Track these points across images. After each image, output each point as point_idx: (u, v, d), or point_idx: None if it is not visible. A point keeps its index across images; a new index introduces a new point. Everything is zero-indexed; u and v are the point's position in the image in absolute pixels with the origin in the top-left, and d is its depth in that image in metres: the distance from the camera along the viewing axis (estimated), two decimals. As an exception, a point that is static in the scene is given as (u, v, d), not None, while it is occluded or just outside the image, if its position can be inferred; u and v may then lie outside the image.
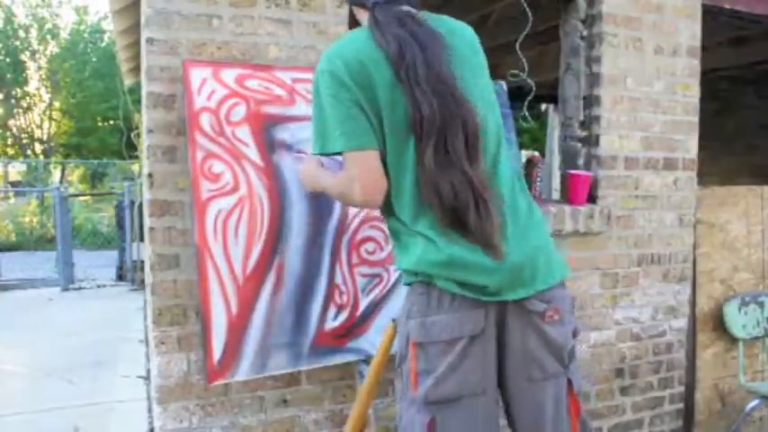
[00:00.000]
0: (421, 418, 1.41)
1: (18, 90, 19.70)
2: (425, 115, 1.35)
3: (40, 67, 20.18)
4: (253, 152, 1.90)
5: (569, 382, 1.51)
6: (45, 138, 20.42)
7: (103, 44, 20.23)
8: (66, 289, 6.73)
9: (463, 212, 1.35)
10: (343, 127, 1.39)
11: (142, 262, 6.37)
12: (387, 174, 1.43)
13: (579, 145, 2.68)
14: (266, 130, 1.93)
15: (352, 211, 2.00)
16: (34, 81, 20.44)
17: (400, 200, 1.44)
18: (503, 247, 1.38)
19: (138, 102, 4.49)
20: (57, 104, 20.24)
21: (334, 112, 1.40)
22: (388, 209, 1.49)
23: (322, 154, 1.49)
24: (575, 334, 1.53)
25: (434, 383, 1.40)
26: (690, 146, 2.82)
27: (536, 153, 2.59)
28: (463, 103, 1.38)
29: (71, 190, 11.65)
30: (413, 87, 1.36)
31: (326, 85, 1.41)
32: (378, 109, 1.39)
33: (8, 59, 19.16)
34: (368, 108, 1.39)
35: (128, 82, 5.61)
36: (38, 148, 20.36)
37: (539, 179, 2.59)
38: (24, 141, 20.26)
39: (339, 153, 1.45)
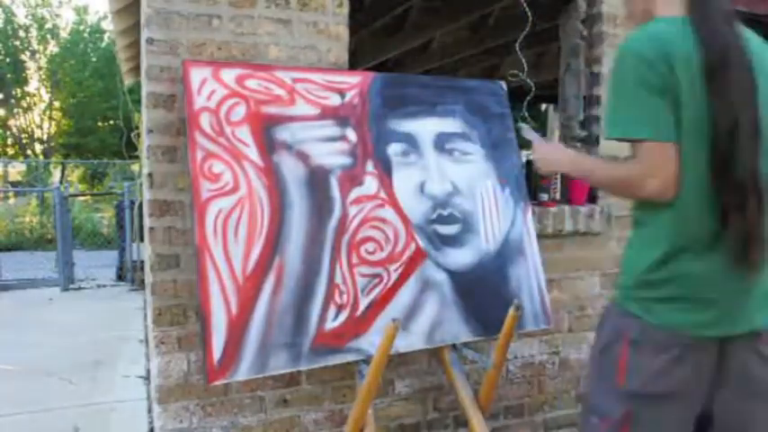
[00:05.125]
0: (620, 408, 1.44)
1: (18, 90, 19.69)
2: (744, 131, 1.30)
3: (39, 67, 20.18)
4: (253, 152, 1.89)
5: None
6: (45, 138, 20.41)
7: (103, 44, 20.22)
8: (66, 289, 6.73)
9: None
10: (652, 114, 1.32)
11: (142, 262, 6.37)
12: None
13: (579, 145, 2.68)
14: (266, 130, 1.93)
15: (353, 211, 2.00)
16: (34, 81, 20.45)
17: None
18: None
19: (138, 102, 4.49)
20: (57, 104, 20.23)
21: (643, 99, 1.32)
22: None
23: (619, 139, 1.39)
24: None
25: (645, 378, 1.42)
26: (690, 146, 2.81)
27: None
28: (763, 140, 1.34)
29: (71, 190, 11.63)
30: (731, 97, 1.30)
31: (633, 68, 1.33)
32: (678, 105, 1.32)
33: (8, 59, 19.15)
34: (671, 101, 1.32)
35: (128, 82, 5.61)
36: (38, 148, 20.35)
37: (556, 181, 2.59)
38: (24, 141, 20.26)
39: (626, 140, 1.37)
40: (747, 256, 1.35)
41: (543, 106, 8.57)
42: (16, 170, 18.43)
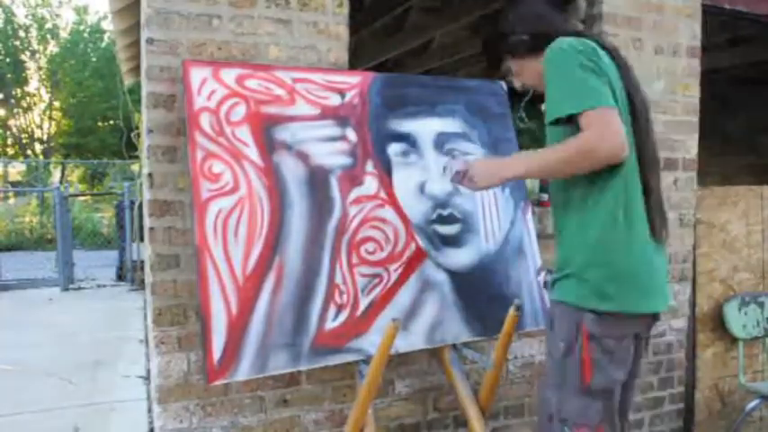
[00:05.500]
0: (596, 405, 1.56)
1: (18, 90, 19.69)
2: (643, 109, 1.59)
3: (40, 67, 20.18)
4: (253, 152, 1.89)
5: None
6: (45, 138, 20.41)
7: (103, 44, 20.22)
8: (66, 289, 6.73)
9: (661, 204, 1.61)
10: (594, 88, 1.48)
11: (142, 262, 6.37)
12: None
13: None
14: (266, 130, 1.93)
15: (353, 211, 2.00)
16: (34, 81, 20.45)
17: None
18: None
19: (138, 102, 4.49)
20: (57, 104, 20.24)
21: (584, 77, 1.49)
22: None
23: (570, 115, 1.50)
24: None
25: (608, 373, 1.55)
26: (690, 146, 2.82)
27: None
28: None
29: (71, 190, 11.64)
30: (632, 84, 1.59)
31: (571, 55, 1.52)
32: (611, 87, 1.52)
33: (8, 59, 19.15)
34: (606, 81, 1.51)
35: (128, 82, 5.61)
36: (38, 148, 20.35)
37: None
38: (24, 141, 20.26)
39: (571, 116, 1.51)
40: (661, 230, 1.58)
41: (543, 106, 8.56)
42: (16, 170, 18.43)
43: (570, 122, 1.50)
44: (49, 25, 20.39)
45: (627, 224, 1.53)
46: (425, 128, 2.19)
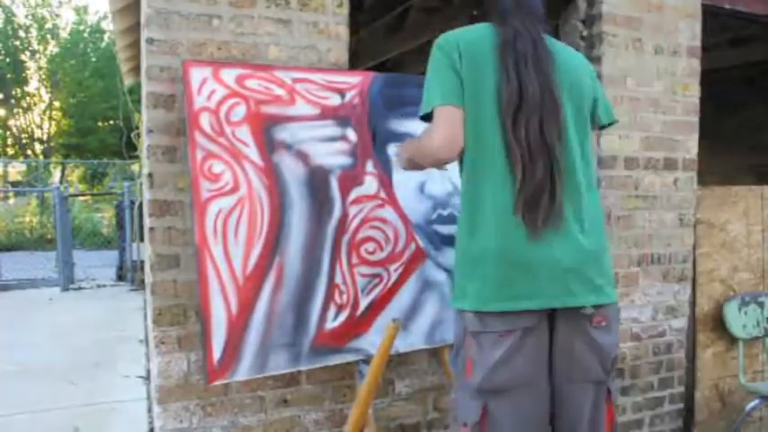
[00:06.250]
0: (475, 404, 1.48)
1: (18, 90, 19.68)
2: (528, 95, 1.47)
3: (40, 67, 20.16)
4: (253, 152, 1.90)
5: (608, 390, 1.57)
6: (45, 138, 20.40)
7: (103, 44, 20.20)
8: (66, 289, 6.73)
9: (540, 195, 1.45)
10: (440, 87, 1.53)
11: (142, 262, 6.37)
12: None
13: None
14: (266, 130, 1.93)
15: (353, 211, 2.00)
16: (34, 81, 20.43)
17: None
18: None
19: (138, 102, 4.49)
20: (57, 104, 20.22)
21: (435, 76, 1.55)
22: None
23: (426, 116, 1.58)
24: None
25: (487, 373, 1.46)
26: (690, 146, 2.82)
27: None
28: (558, 99, 1.51)
29: (71, 190, 11.64)
30: (519, 71, 1.49)
31: (433, 55, 1.58)
32: (471, 79, 1.51)
33: (8, 59, 19.14)
34: (462, 75, 1.51)
35: (128, 82, 5.61)
36: (38, 148, 20.34)
37: None
38: (24, 141, 20.25)
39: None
40: (535, 222, 1.44)
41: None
42: (16, 170, 18.42)
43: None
44: (49, 25, 20.37)
45: (477, 221, 1.50)
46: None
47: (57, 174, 18.52)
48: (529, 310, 1.44)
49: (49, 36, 20.29)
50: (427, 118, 1.58)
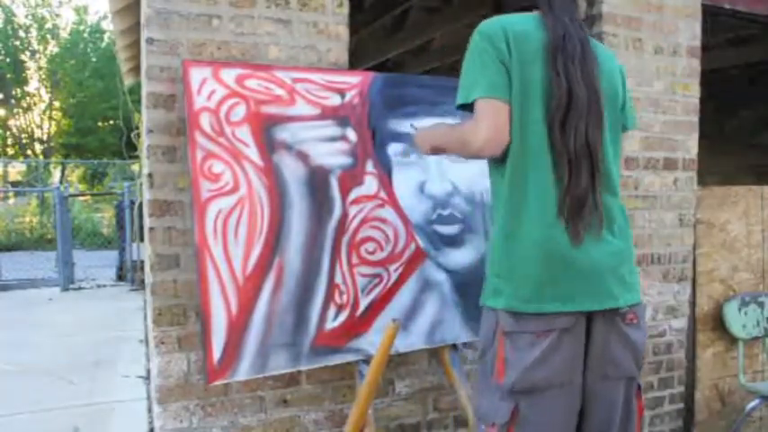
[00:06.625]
0: (506, 404, 1.46)
1: (18, 90, 19.67)
2: (576, 99, 1.45)
3: (40, 67, 20.15)
4: (253, 152, 1.90)
5: (638, 385, 1.59)
6: (45, 138, 20.40)
7: (103, 44, 20.20)
8: (66, 289, 6.73)
9: (585, 200, 1.45)
10: (485, 78, 1.47)
11: (142, 262, 6.37)
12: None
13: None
14: (266, 130, 1.93)
15: (353, 211, 2.00)
16: (34, 81, 20.43)
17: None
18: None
19: (138, 102, 4.49)
20: (57, 104, 20.22)
21: (480, 66, 1.48)
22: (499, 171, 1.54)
23: (463, 105, 1.53)
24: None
25: (522, 373, 1.44)
26: (690, 146, 2.82)
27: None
28: (602, 106, 1.50)
29: (71, 190, 11.64)
30: (569, 72, 1.45)
31: (476, 43, 1.50)
32: (519, 75, 1.46)
33: (8, 59, 19.14)
34: (511, 70, 1.46)
35: (128, 82, 5.61)
36: (38, 148, 20.33)
37: None
38: (24, 141, 20.24)
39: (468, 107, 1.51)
40: (578, 226, 1.45)
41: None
42: (16, 170, 18.43)
43: (470, 108, 1.52)
44: (49, 25, 20.36)
45: (518, 222, 1.48)
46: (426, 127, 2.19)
47: (57, 174, 18.52)
48: (568, 312, 1.45)
49: (49, 36, 20.29)
50: (464, 108, 1.53)
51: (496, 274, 1.50)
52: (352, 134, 2.05)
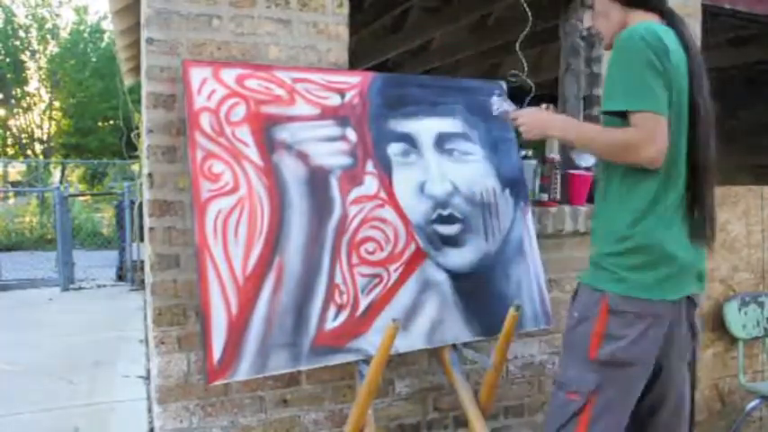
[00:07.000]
0: (593, 375, 1.59)
1: (18, 90, 19.66)
2: (708, 113, 1.60)
3: (40, 67, 20.14)
4: (253, 152, 1.90)
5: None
6: (45, 138, 20.39)
7: (103, 44, 20.19)
8: (66, 289, 6.72)
9: (704, 204, 1.63)
10: (654, 92, 1.51)
11: (142, 262, 6.37)
12: None
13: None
14: (266, 130, 1.93)
15: (353, 211, 2.00)
16: (34, 81, 20.42)
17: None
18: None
19: (138, 102, 4.50)
20: (57, 104, 20.21)
21: (650, 77, 1.51)
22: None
23: (616, 112, 1.56)
24: None
25: (616, 349, 1.57)
26: (690, 146, 2.81)
27: (555, 155, 2.58)
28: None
29: (71, 190, 11.63)
30: (702, 87, 1.60)
31: (642, 51, 1.52)
32: (675, 95, 1.55)
33: (8, 59, 19.13)
34: (671, 90, 1.54)
35: (128, 82, 5.61)
36: (38, 148, 20.33)
37: (556, 180, 2.59)
38: (24, 141, 20.24)
39: (621, 114, 1.55)
40: (706, 230, 1.64)
41: (543, 106, 8.57)
42: (16, 170, 18.42)
43: (621, 115, 1.55)
44: (49, 25, 20.35)
45: (646, 216, 1.58)
46: (425, 128, 2.19)
47: (57, 174, 18.51)
48: (672, 300, 1.60)
49: (49, 36, 20.28)
50: (617, 113, 1.57)
51: (613, 258, 1.61)
52: (352, 134, 2.05)
